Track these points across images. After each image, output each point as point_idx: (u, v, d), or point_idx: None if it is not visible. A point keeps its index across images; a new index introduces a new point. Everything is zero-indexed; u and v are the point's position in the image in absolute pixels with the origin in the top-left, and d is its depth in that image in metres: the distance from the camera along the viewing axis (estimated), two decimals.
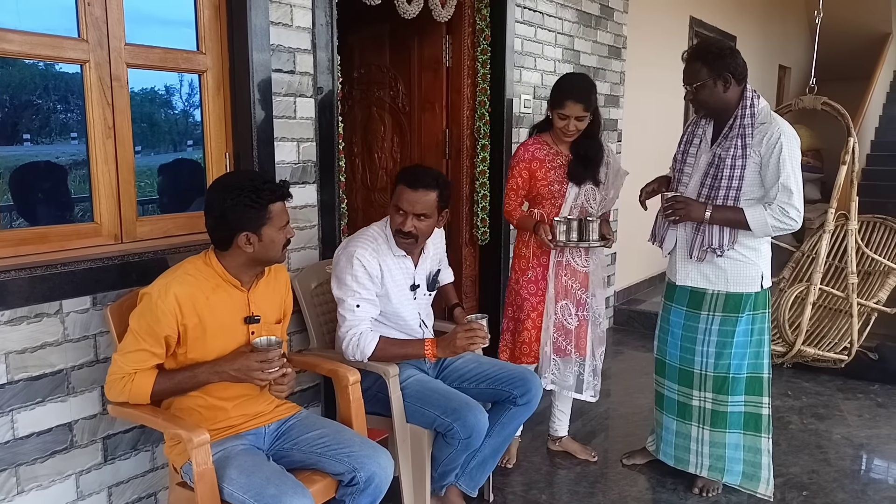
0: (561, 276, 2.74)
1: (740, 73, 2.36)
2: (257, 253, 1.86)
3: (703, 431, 2.60)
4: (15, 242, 1.93)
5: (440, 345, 2.26)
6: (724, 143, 2.38)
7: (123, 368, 1.80)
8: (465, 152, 3.57)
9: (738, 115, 2.36)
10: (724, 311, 2.49)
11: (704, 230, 2.42)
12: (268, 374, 1.81)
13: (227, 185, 1.84)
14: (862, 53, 8.66)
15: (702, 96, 2.38)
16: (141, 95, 2.26)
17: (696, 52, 2.40)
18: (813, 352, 3.26)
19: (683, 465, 2.69)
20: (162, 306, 1.77)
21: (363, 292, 2.25)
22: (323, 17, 2.53)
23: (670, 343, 2.63)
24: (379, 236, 2.32)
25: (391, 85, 3.75)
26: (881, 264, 3.59)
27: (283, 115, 2.45)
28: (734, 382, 2.52)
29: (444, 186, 2.29)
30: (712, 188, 2.39)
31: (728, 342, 2.49)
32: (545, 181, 2.69)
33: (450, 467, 2.32)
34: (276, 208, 1.86)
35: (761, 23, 7.74)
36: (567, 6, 4.02)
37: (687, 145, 2.53)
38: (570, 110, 2.58)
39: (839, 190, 3.13)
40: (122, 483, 2.14)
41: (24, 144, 2.13)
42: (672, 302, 2.62)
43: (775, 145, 2.31)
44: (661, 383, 2.71)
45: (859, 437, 3.25)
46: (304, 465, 1.94)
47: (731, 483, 2.64)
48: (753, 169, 2.35)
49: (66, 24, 1.99)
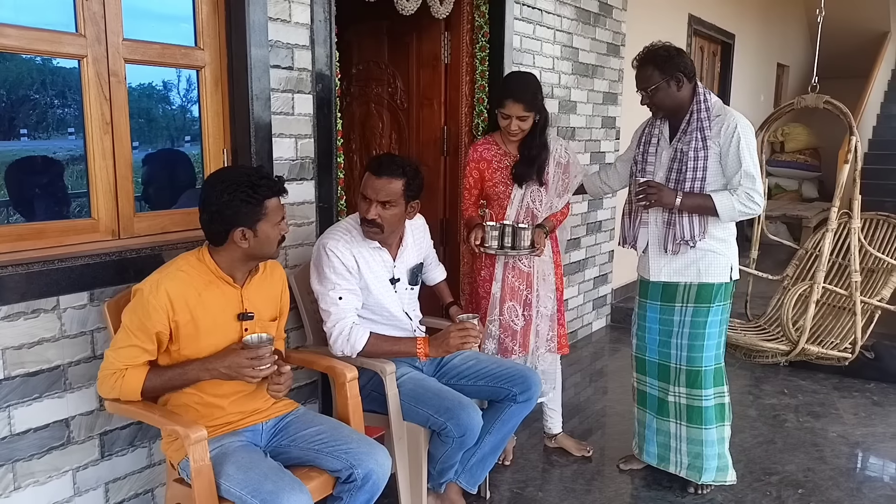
0: (508, 277, 2.73)
1: (690, 71, 2.44)
2: (252, 248, 1.86)
3: (680, 428, 2.63)
4: (12, 238, 1.93)
5: (432, 344, 2.26)
6: (684, 137, 2.44)
7: (115, 364, 1.79)
8: (463, 149, 3.56)
9: (693, 110, 2.44)
10: (697, 302, 2.54)
11: (675, 223, 2.48)
12: (258, 371, 1.81)
13: (223, 180, 1.83)
14: (860, 52, 8.66)
15: (657, 98, 2.45)
16: (139, 91, 2.26)
17: (647, 57, 2.46)
18: (817, 350, 3.26)
19: (665, 465, 2.71)
20: (153, 302, 1.77)
21: (343, 283, 2.24)
22: (321, 13, 2.52)
23: (648, 339, 2.67)
24: (353, 228, 2.31)
25: (389, 81, 3.74)
26: (884, 262, 3.59)
27: (281, 111, 2.44)
28: (706, 375, 2.57)
29: (413, 176, 2.25)
30: (678, 182, 2.45)
31: (700, 333, 2.54)
32: (491, 182, 2.71)
33: (447, 465, 2.32)
34: (272, 204, 1.85)
35: (760, 21, 7.75)
36: (566, 3, 4.01)
37: (646, 145, 2.58)
38: (511, 110, 2.57)
39: (842, 188, 3.13)
40: (119, 479, 2.14)
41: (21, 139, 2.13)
42: (646, 298, 2.66)
43: (733, 135, 2.38)
44: (642, 381, 2.74)
45: (855, 435, 3.26)
46: (301, 461, 1.94)
47: (706, 482, 2.65)
48: (714, 160, 2.43)
49: (63, 18, 1.98)
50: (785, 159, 8.74)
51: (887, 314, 3.57)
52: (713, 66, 6.93)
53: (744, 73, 7.41)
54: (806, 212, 6.84)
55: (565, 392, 3.73)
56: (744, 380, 3.98)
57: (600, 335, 4.80)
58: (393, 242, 2.38)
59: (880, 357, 3.93)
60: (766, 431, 3.28)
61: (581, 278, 4.54)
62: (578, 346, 4.51)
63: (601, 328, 4.92)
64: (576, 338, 4.57)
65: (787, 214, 6.87)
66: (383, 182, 2.20)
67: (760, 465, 2.95)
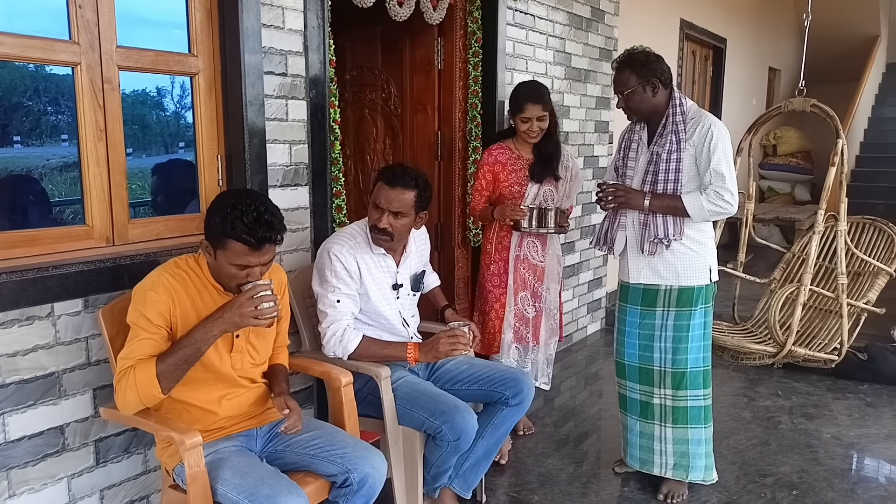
0: (520, 269, 2.99)
1: (666, 77, 2.48)
2: (212, 267, 1.84)
3: (665, 430, 2.64)
4: (6, 245, 1.93)
5: (422, 349, 2.28)
6: (660, 140, 2.48)
7: (125, 364, 1.74)
8: (457, 154, 3.58)
9: (669, 114, 2.48)
10: (678, 306, 2.55)
11: (649, 223, 2.50)
12: (261, 310, 1.75)
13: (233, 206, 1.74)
14: (850, 56, 8.73)
15: (632, 103, 2.49)
16: (132, 97, 2.26)
17: (625, 62, 2.50)
18: (804, 352, 3.28)
19: (648, 468, 2.71)
20: (154, 296, 1.77)
21: (343, 287, 2.27)
22: (315, 19, 2.54)
23: (628, 343, 2.68)
24: (358, 234, 2.35)
25: (383, 87, 3.75)
26: (870, 265, 3.61)
27: (275, 117, 2.45)
28: (692, 376, 2.58)
29: (424, 188, 2.30)
30: (653, 183, 2.49)
31: (684, 336, 2.56)
32: (507, 182, 2.94)
33: (441, 469, 2.33)
34: (236, 246, 1.74)
35: (751, 25, 7.80)
36: (558, 9, 4.04)
37: (626, 150, 2.62)
38: (531, 112, 2.83)
39: (828, 191, 3.16)
40: (115, 486, 2.14)
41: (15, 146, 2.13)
42: (626, 303, 2.67)
43: (706, 134, 2.42)
44: (623, 385, 2.75)
45: (849, 436, 3.28)
46: (297, 466, 1.94)
47: (695, 480, 2.66)
48: (690, 161, 2.46)
49: (57, 26, 1.98)
50: (777, 162, 8.80)
51: (876, 317, 3.59)
52: (705, 71, 6.97)
53: (736, 77, 7.46)
54: (798, 214, 6.87)
55: (560, 395, 3.74)
56: (738, 382, 3.99)
57: (595, 338, 4.82)
58: (397, 249, 2.41)
59: (873, 358, 3.95)
60: (761, 433, 3.30)
61: (576, 282, 4.55)
62: (573, 349, 4.52)
63: (596, 331, 4.93)
64: (571, 341, 4.58)
65: (780, 217, 6.90)
66: (396, 192, 2.24)
67: (755, 466, 2.96)
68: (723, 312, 4.19)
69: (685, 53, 6.14)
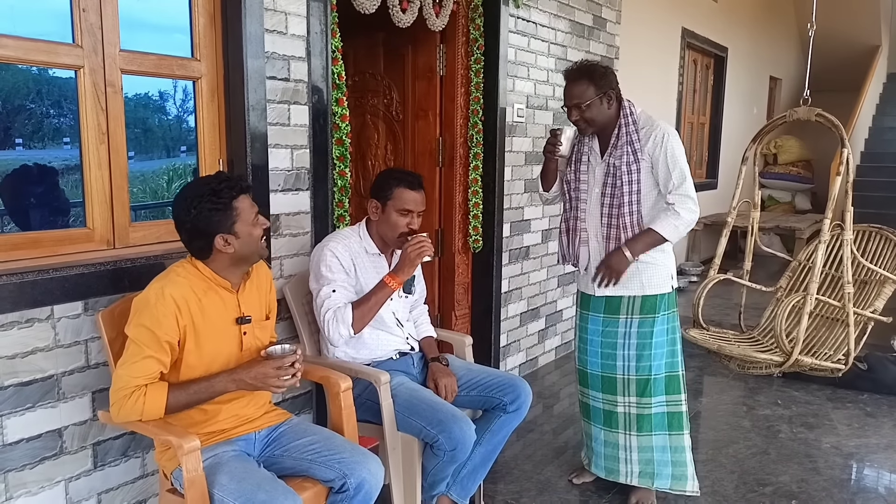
0: None
1: (618, 90, 2.49)
2: (238, 251, 1.86)
3: (629, 438, 2.64)
4: (7, 247, 1.93)
5: (397, 272, 2.30)
6: (615, 152, 2.47)
7: (131, 382, 1.75)
8: (458, 160, 3.58)
9: (620, 124, 2.48)
10: (642, 313, 2.56)
11: (611, 237, 2.50)
12: (283, 381, 1.83)
13: (186, 196, 1.83)
14: (852, 65, 8.75)
15: (589, 114, 2.46)
16: (135, 101, 2.27)
17: (582, 72, 2.46)
18: (810, 361, 3.26)
19: (614, 476, 2.70)
20: (162, 309, 1.77)
21: (338, 279, 2.30)
22: (318, 25, 2.54)
23: (590, 352, 2.67)
24: (352, 235, 2.41)
25: (385, 93, 3.76)
26: (877, 274, 3.60)
27: (277, 121, 2.46)
28: (655, 383, 2.58)
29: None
30: (613, 196, 2.48)
31: (647, 343, 2.56)
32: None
33: (438, 477, 2.32)
34: (242, 204, 1.85)
35: (752, 35, 7.82)
36: (560, 17, 4.05)
37: (577, 164, 2.59)
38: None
39: (834, 200, 3.15)
40: (112, 490, 2.13)
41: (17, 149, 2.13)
42: (588, 311, 2.66)
43: (661, 142, 2.43)
44: (586, 393, 2.74)
45: (848, 446, 3.27)
46: (294, 471, 1.94)
47: (661, 488, 2.65)
48: (647, 172, 2.47)
49: (60, 29, 1.99)
50: (778, 171, 8.80)
51: (876, 326, 3.59)
52: (706, 80, 6.99)
53: (737, 86, 7.47)
54: (799, 223, 6.87)
55: (560, 402, 3.74)
56: (738, 391, 3.99)
57: None
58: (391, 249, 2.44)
59: (873, 368, 3.94)
60: (760, 442, 3.29)
61: (575, 288, 4.54)
62: (573, 356, 4.50)
63: None
64: (570, 348, 4.57)
65: (781, 226, 6.90)
66: (421, 195, 2.39)
67: (754, 475, 2.95)
68: (729, 321, 4.20)
69: (686, 62, 6.16)
